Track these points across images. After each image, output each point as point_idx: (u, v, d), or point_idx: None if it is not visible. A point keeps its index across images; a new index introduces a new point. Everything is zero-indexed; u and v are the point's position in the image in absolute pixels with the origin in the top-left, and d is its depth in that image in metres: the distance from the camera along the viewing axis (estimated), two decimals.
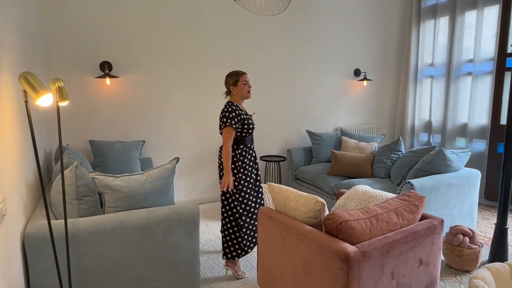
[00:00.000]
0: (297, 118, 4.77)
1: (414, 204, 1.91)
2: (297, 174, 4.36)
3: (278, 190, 2.08)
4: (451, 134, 4.63)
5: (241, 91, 2.56)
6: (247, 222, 2.61)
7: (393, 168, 3.53)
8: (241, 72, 2.58)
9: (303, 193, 1.98)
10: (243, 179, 2.57)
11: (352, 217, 1.68)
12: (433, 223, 1.91)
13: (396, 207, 1.85)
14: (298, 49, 4.63)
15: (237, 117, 2.49)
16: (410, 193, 1.99)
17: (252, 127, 2.59)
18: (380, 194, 2.24)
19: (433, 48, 4.82)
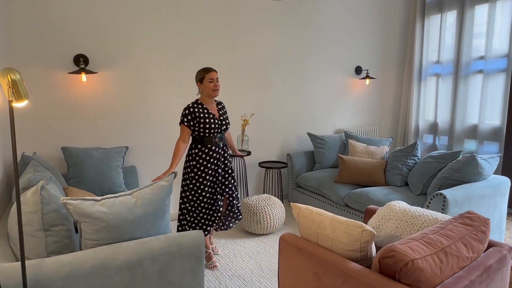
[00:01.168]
0: (295, 120, 4.36)
1: (481, 230, 1.53)
2: (299, 182, 3.95)
3: (308, 214, 1.65)
4: (459, 135, 4.35)
5: (206, 89, 2.52)
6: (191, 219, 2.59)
7: (410, 175, 3.18)
8: (209, 69, 2.53)
9: (341, 218, 1.56)
10: (199, 182, 2.54)
11: (418, 254, 1.27)
12: (503, 252, 1.53)
13: (462, 235, 1.46)
14: (296, 45, 4.22)
15: (190, 115, 2.49)
16: (472, 215, 1.60)
17: (212, 128, 2.51)
18: (424, 213, 1.85)
19: (439, 45, 4.53)
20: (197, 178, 2.54)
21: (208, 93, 2.52)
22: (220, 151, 2.60)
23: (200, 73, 2.53)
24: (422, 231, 1.53)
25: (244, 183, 3.85)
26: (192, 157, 2.55)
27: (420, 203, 2.77)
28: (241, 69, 3.91)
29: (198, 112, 2.50)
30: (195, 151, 2.55)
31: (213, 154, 2.56)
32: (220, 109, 2.64)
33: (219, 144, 2.58)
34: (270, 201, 3.34)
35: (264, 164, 3.92)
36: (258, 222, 3.22)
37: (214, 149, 2.56)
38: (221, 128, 2.57)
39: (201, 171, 2.53)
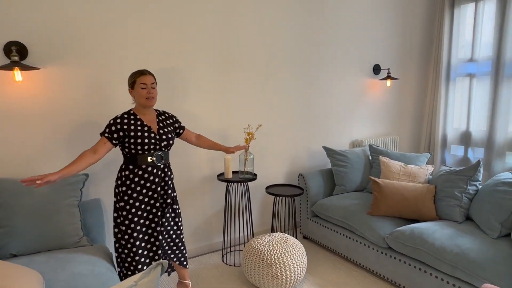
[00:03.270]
0: (306, 131, 3.50)
1: None
2: (316, 210, 3.09)
3: None
4: (501, 148, 3.63)
5: (138, 96, 2.04)
6: (131, 267, 2.08)
7: (475, 208, 2.39)
8: (142, 71, 2.04)
9: None
10: (131, 214, 2.03)
11: None
12: None
13: None
14: (306, 42, 3.37)
15: (115, 127, 1.98)
16: None
17: (146, 144, 2.01)
18: None
19: (473, 39, 3.80)
20: (129, 208, 2.03)
21: (140, 101, 2.04)
22: (159, 173, 2.09)
23: (131, 76, 2.06)
24: None
25: (248, 216, 2.96)
26: (122, 181, 2.04)
27: (509, 254, 1.97)
28: (241, 71, 3.01)
29: (128, 124, 2.00)
30: (126, 173, 2.04)
31: (149, 177, 2.05)
32: (161, 120, 2.14)
33: (157, 165, 2.06)
34: (287, 244, 2.46)
35: (272, 189, 3.03)
36: (274, 277, 2.33)
37: (150, 171, 2.05)
38: (160, 145, 2.07)
39: (133, 199, 2.03)
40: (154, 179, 2.07)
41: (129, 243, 2.04)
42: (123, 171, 2.05)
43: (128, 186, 2.03)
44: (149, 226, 2.10)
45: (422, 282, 2.25)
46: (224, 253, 3.01)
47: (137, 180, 2.03)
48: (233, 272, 2.70)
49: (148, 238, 2.10)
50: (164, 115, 2.20)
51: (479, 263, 1.96)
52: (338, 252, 2.91)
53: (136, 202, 2.03)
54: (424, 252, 2.21)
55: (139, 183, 2.03)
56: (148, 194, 2.07)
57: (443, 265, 2.12)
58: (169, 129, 2.15)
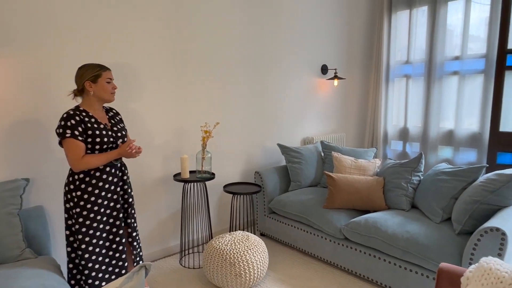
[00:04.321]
0: (260, 128, 3.53)
1: None
2: (273, 207, 3.13)
3: None
4: (434, 142, 4.01)
5: (101, 91, 1.90)
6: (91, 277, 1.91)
7: (419, 196, 2.60)
8: (105, 67, 1.94)
9: None
10: (90, 219, 1.87)
11: None
12: None
13: None
14: (259, 42, 3.41)
15: (79, 125, 1.81)
16: None
17: (105, 143, 1.88)
18: None
19: (409, 44, 4.15)
20: (87, 214, 1.87)
21: (105, 97, 1.92)
22: (117, 172, 1.99)
23: (92, 69, 1.88)
24: None
25: (206, 216, 2.90)
26: (76, 185, 1.86)
27: (451, 236, 2.18)
28: (196, 69, 2.94)
29: (84, 122, 1.84)
30: (80, 176, 1.87)
31: (108, 177, 1.93)
32: (111, 117, 2.04)
33: (115, 164, 1.98)
34: (249, 241, 2.45)
35: (229, 187, 3.00)
36: (237, 276, 2.31)
37: (108, 171, 1.93)
38: (117, 142, 1.98)
39: (92, 203, 1.88)
40: (113, 180, 1.95)
41: (88, 252, 1.88)
42: (76, 174, 1.88)
43: (84, 190, 1.87)
44: (110, 230, 1.96)
45: (377, 269, 2.40)
46: (182, 256, 2.91)
47: (94, 182, 1.89)
48: (193, 275, 2.62)
49: (110, 244, 1.96)
50: (112, 111, 2.09)
51: (427, 246, 2.14)
52: (296, 247, 2.97)
53: (95, 207, 1.88)
54: (378, 240, 2.35)
55: (97, 185, 1.89)
56: (107, 196, 1.93)
57: (396, 251, 2.27)
58: (121, 125, 2.05)
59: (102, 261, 1.92)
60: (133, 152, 1.89)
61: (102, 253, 1.92)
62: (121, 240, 1.97)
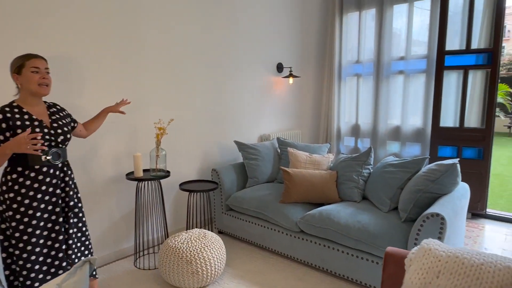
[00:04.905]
0: (216, 126, 3.51)
1: None
2: (230, 204, 3.12)
3: None
4: (383, 137, 4.23)
5: (27, 82, 1.74)
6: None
7: (370, 188, 2.73)
8: (31, 54, 1.76)
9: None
10: (24, 223, 1.73)
11: None
12: None
13: None
14: (214, 39, 3.39)
15: (1, 123, 1.68)
16: None
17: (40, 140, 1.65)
18: (486, 260, 1.30)
19: (359, 44, 4.35)
20: (20, 218, 1.73)
21: (32, 88, 1.75)
22: (57, 173, 1.85)
23: (16, 60, 1.75)
24: None
25: (162, 216, 2.82)
26: (8, 186, 1.72)
27: (398, 224, 2.31)
28: (149, 65, 2.85)
29: (12, 119, 1.70)
30: (13, 176, 1.73)
31: (45, 178, 1.79)
32: (53, 113, 1.89)
33: (54, 164, 1.82)
34: (206, 239, 2.42)
35: (186, 185, 2.95)
36: (194, 274, 2.27)
37: (46, 172, 1.79)
38: (57, 140, 1.83)
39: (26, 207, 1.73)
40: (51, 181, 1.81)
41: (23, 259, 1.74)
42: (8, 175, 1.74)
43: (17, 192, 1.73)
44: (48, 236, 1.82)
45: (331, 259, 2.48)
46: (137, 258, 2.81)
47: (29, 184, 1.75)
48: (149, 276, 2.54)
49: (48, 250, 1.82)
50: (55, 107, 1.95)
51: (377, 234, 2.25)
52: (254, 242, 2.99)
53: (30, 210, 1.74)
54: (332, 231, 2.44)
55: (31, 187, 1.75)
56: (45, 199, 1.79)
57: (349, 240, 2.37)
58: (64, 121, 1.91)
59: (39, 270, 1.78)
60: (23, 144, 1.59)
61: (39, 261, 1.78)
62: (61, 246, 1.84)
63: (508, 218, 3.59)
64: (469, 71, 3.58)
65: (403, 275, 1.48)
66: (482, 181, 3.56)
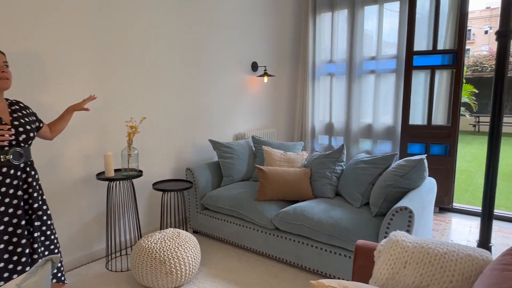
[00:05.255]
0: (190, 124, 3.48)
1: None
2: (205, 203, 3.10)
3: None
4: (355, 135, 4.33)
5: None
6: None
7: (342, 184, 2.79)
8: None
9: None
10: None
11: None
12: None
13: None
14: (188, 37, 3.36)
15: None
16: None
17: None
18: (449, 249, 1.36)
19: (332, 44, 4.43)
20: None
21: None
22: (19, 174, 1.76)
23: None
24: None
25: (135, 217, 2.76)
26: None
27: (369, 218, 2.37)
28: (120, 61, 2.79)
29: None
30: None
31: (5, 179, 1.71)
32: (15, 110, 1.80)
33: (15, 164, 1.74)
34: (180, 238, 2.40)
35: (159, 185, 2.91)
36: (168, 274, 2.24)
37: (6, 172, 1.70)
38: (18, 139, 1.74)
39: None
40: (11, 182, 1.72)
41: None
42: None
43: None
44: (9, 240, 1.73)
45: (305, 255, 2.51)
46: (109, 260, 2.74)
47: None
48: (121, 278, 2.48)
49: (9, 256, 1.73)
50: (18, 104, 1.86)
51: (349, 229, 2.30)
52: (229, 241, 2.98)
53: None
54: (306, 227, 2.47)
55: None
56: (4, 202, 1.70)
57: (322, 236, 2.41)
58: (27, 120, 1.82)
59: (0, 276, 1.71)
60: None
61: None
62: (24, 251, 1.75)
63: (473, 212, 3.77)
64: (435, 71, 3.73)
65: (372, 267, 1.52)
66: (449, 176, 3.72)
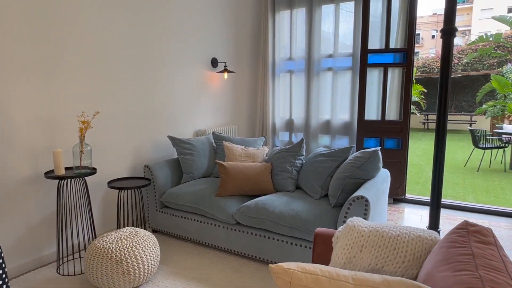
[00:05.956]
0: (149, 121, 3.37)
1: (497, 245, 1.20)
2: (165, 200, 3.01)
3: (311, 282, 0.89)
4: (315, 131, 4.43)
5: None
6: None
7: (302, 177, 2.84)
8: None
9: (374, 277, 0.90)
10: None
11: None
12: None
13: (503, 262, 1.07)
14: (145, 32, 3.25)
15: None
16: (477, 228, 1.26)
17: None
18: (402, 231, 1.43)
19: (291, 41, 4.50)
20: None
21: None
22: None
23: None
24: (445, 267, 1.07)
25: (89, 217, 2.62)
26: None
27: (328, 209, 2.43)
28: (70, 52, 2.63)
29: None
30: None
31: None
32: None
33: None
34: (138, 237, 2.31)
35: (115, 183, 2.78)
36: (125, 274, 2.14)
37: None
38: None
39: None
40: None
41: None
42: None
43: None
44: None
45: (267, 248, 2.52)
46: (60, 264, 2.57)
47: None
48: (74, 282, 2.34)
49: None
50: None
51: (309, 220, 2.34)
52: (190, 239, 2.93)
53: None
54: (267, 220, 2.48)
55: None
56: None
57: (283, 228, 2.43)
58: None
59: None
60: None
61: None
62: None
63: (423, 201, 4.00)
64: (388, 68, 3.91)
65: (331, 253, 1.56)
66: (401, 169, 3.92)
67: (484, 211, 3.74)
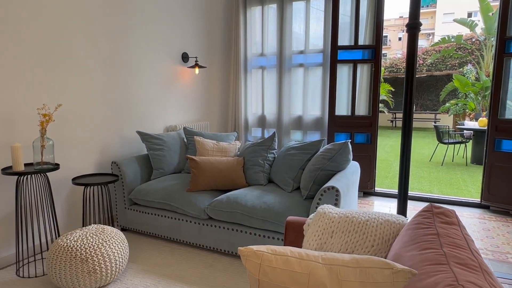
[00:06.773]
0: (116, 116, 3.25)
1: (460, 225, 1.24)
2: (134, 197, 2.92)
3: (281, 264, 0.87)
4: (287, 127, 4.46)
5: None
6: None
7: (275, 170, 2.84)
8: None
9: (344, 257, 0.90)
10: None
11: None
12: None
13: (466, 241, 1.11)
14: (112, 24, 3.13)
15: None
16: (441, 210, 1.30)
17: None
18: (371, 217, 1.45)
19: (262, 38, 4.50)
20: None
21: None
22: None
23: None
24: (412, 247, 1.10)
25: (51, 216, 2.48)
26: None
27: (300, 201, 2.44)
28: (30, 45, 2.48)
29: None
30: None
31: None
32: None
33: None
34: (105, 234, 2.21)
35: (80, 179, 2.66)
36: (92, 272, 2.05)
37: None
38: None
39: None
40: None
41: None
42: None
43: None
44: None
45: (239, 242, 2.50)
46: (20, 266, 2.42)
47: None
48: (36, 284, 2.21)
49: None
50: None
51: (282, 212, 2.34)
52: (161, 236, 2.85)
53: None
54: (240, 214, 2.45)
55: None
56: None
57: (255, 221, 2.41)
58: None
59: None
60: None
61: None
62: None
63: (392, 194, 4.12)
64: (357, 64, 4.00)
65: (302, 240, 1.56)
66: (371, 163, 4.01)
67: (448, 202, 3.90)
